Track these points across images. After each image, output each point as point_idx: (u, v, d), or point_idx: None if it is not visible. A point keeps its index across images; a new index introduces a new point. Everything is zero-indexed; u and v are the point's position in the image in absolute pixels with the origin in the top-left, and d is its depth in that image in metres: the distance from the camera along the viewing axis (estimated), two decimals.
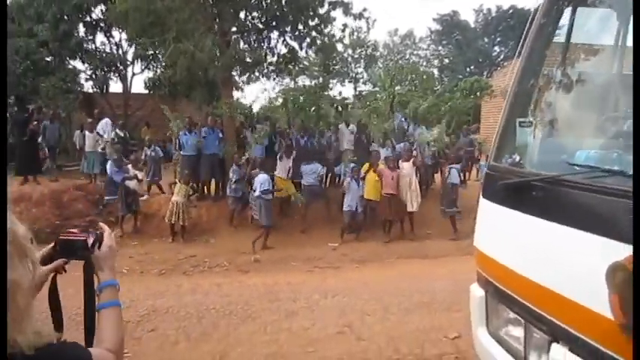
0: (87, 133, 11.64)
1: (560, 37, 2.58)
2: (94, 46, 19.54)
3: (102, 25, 19.32)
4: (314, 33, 10.47)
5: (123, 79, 21.03)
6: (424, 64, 33.31)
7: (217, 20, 9.04)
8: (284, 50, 10.97)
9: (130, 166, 9.52)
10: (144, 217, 9.62)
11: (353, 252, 8.25)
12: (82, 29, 19.11)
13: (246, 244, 8.85)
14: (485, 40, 39.13)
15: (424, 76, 25.68)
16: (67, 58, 18.10)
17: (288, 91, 24.94)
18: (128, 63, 20.93)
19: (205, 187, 10.53)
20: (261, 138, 9.84)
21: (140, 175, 9.40)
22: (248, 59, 9.66)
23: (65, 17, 17.39)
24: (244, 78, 19.19)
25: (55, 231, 9.33)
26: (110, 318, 1.24)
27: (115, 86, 21.24)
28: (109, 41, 20.43)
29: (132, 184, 9.26)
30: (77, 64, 18.95)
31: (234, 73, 10.85)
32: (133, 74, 20.98)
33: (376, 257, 7.93)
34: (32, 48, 16.64)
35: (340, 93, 22.70)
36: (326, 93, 22.47)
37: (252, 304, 5.07)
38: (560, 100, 2.62)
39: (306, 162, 9.42)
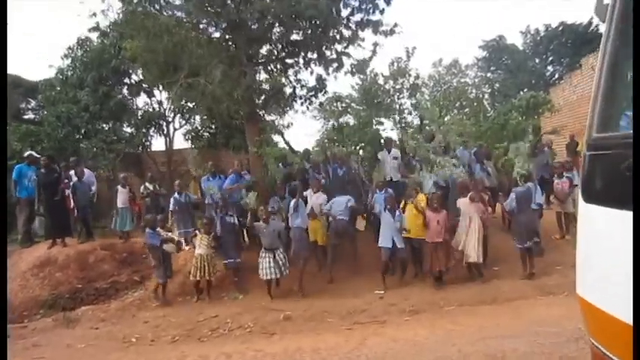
0: (119, 188, 11.13)
1: None
2: (134, 106, 19.76)
3: (144, 85, 19.69)
4: (342, 57, 9.52)
5: (165, 135, 21.12)
6: (473, 91, 31.86)
7: (231, 51, 8.28)
8: (312, 80, 10.07)
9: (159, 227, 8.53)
10: None
11: (402, 300, 6.77)
12: (124, 91, 19.52)
13: (277, 299, 7.68)
14: (537, 60, 37.67)
15: (474, 103, 24.23)
16: (107, 120, 18.26)
17: (330, 133, 24.22)
18: (169, 119, 21.04)
19: None
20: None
21: (175, 236, 8.42)
22: (266, 88, 8.76)
23: (104, 81, 17.71)
24: (283, 121, 18.64)
25: (74, 296, 8.61)
26: None
27: (158, 144, 21.37)
28: (151, 100, 20.71)
29: (169, 247, 8.24)
30: (117, 124, 19.12)
31: (261, 110, 10.02)
32: (175, 129, 21.03)
33: (432, 306, 6.43)
34: (74, 113, 16.90)
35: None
36: (369, 129, 21.53)
37: None
38: None
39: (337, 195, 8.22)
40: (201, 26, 8.28)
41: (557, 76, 33.71)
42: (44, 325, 7.24)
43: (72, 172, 10.20)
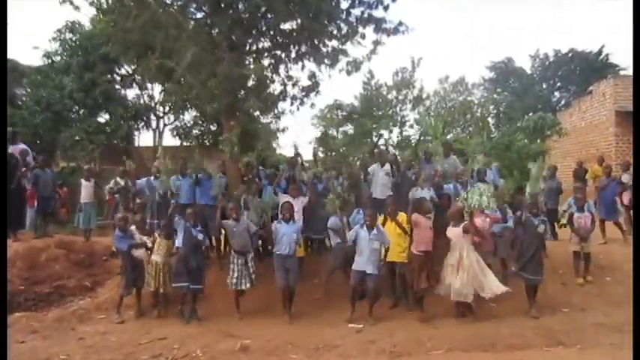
0: (83, 181, 10.18)
1: None
2: (122, 97, 18.85)
3: (136, 76, 18.77)
4: (340, 55, 8.58)
5: (154, 130, 20.24)
6: (478, 110, 31.15)
7: (212, 35, 7.33)
8: (304, 79, 9.12)
9: (133, 227, 7.26)
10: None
11: (384, 337, 5.69)
12: (115, 80, 18.61)
13: (242, 321, 6.67)
14: (544, 85, 37.07)
15: (479, 122, 23.38)
16: (92, 109, 17.32)
17: (327, 140, 23.21)
18: (160, 114, 20.14)
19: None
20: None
21: (149, 242, 7.21)
22: (251, 81, 7.76)
23: (91, 67, 16.80)
24: (279, 125, 17.70)
25: (11, 299, 7.54)
26: None
27: (147, 139, 20.48)
28: (142, 93, 19.83)
29: (139, 253, 7.10)
30: (103, 114, 18.23)
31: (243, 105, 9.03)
32: (164, 125, 20.15)
33: (417, 347, 5.35)
34: (56, 99, 15.96)
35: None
36: (369, 140, 20.67)
37: None
38: None
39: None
40: (180, 4, 7.32)
41: (563, 102, 33.09)
42: None
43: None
